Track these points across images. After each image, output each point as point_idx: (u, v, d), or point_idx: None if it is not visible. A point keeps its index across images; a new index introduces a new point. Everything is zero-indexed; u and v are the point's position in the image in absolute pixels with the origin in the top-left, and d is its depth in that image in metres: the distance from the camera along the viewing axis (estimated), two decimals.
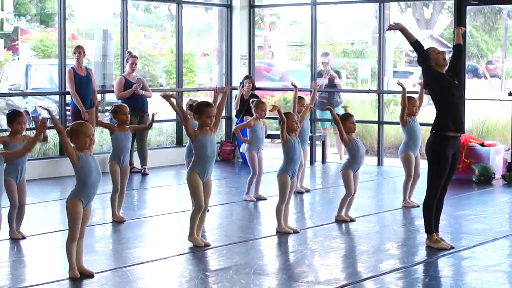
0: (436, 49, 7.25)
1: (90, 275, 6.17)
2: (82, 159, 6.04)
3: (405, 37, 7.24)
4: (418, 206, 8.92)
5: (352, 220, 8.40)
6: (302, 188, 10.19)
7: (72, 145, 6.05)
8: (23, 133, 7.52)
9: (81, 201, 6.09)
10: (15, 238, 7.45)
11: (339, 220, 8.39)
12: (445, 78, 7.12)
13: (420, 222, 8.18)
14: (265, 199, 9.66)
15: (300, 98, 10.00)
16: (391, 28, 7.34)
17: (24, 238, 7.50)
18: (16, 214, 7.49)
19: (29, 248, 7.25)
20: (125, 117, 8.42)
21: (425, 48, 7.24)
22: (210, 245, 7.20)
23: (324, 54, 14.35)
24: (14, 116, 7.45)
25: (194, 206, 7.24)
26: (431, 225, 7.22)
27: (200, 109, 7.16)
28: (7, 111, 16.81)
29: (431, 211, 7.21)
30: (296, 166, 7.79)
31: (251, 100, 9.89)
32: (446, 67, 7.18)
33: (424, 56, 7.16)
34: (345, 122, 8.31)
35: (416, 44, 7.19)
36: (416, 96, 9.50)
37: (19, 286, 5.98)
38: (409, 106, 9.10)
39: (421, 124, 9.63)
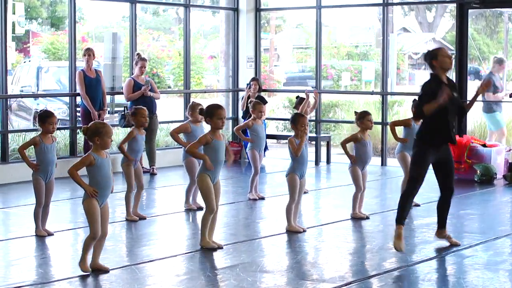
0: (446, 52, 6.95)
1: (106, 271, 6.28)
2: (97, 161, 6.18)
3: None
4: (419, 205, 9.01)
5: (367, 218, 8.51)
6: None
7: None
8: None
9: (96, 200, 6.20)
10: (41, 236, 7.56)
11: (355, 218, 8.51)
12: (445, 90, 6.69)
13: (422, 221, 8.30)
14: (263, 198, 9.75)
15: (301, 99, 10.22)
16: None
17: (51, 235, 7.62)
18: (42, 212, 7.62)
19: (41, 245, 7.35)
20: (144, 119, 8.44)
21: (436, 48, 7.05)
22: (222, 247, 7.14)
23: (498, 61, 13.22)
24: (46, 117, 7.51)
25: (205, 209, 7.12)
26: (403, 217, 7.05)
27: (211, 111, 7.06)
28: (18, 112, 16.89)
29: (405, 202, 7.09)
30: (304, 166, 7.86)
31: (249, 101, 9.97)
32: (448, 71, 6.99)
33: (431, 58, 6.88)
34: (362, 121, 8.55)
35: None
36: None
37: (41, 282, 6.08)
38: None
39: None
